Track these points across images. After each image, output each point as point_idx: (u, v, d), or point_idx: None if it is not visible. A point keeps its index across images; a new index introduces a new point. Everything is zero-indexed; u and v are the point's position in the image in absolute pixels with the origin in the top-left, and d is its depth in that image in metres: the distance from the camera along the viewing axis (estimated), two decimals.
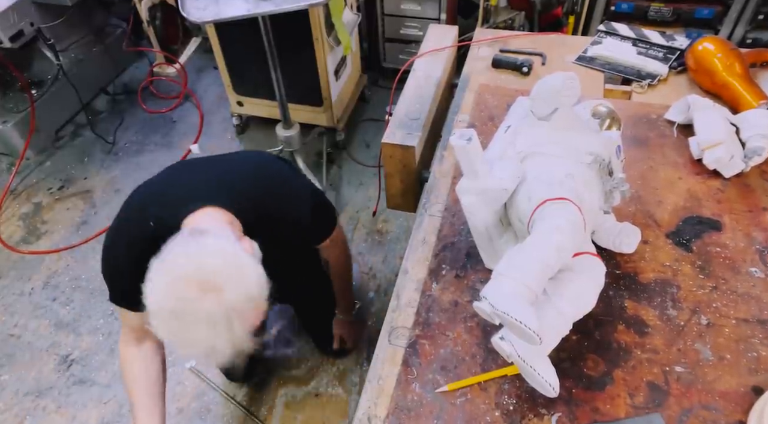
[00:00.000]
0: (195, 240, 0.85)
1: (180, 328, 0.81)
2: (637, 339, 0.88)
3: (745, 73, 1.25)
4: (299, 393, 1.77)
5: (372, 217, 2.29)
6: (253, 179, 1.09)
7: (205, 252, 0.83)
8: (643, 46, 1.47)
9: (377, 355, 0.90)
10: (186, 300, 0.80)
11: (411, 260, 1.04)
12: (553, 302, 0.79)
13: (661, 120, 1.26)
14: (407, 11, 2.60)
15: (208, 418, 1.72)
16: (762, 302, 0.92)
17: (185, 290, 0.80)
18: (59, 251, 2.24)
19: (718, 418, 0.79)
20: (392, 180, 1.34)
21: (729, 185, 1.11)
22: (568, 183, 0.81)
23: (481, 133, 1.26)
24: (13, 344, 1.95)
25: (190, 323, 0.80)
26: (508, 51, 1.50)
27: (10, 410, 1.77)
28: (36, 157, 2.67)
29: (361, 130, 2.72)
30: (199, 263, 0.82)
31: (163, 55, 3.01)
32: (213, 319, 0.80)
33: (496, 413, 0.81)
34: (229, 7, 1.66)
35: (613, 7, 2.27)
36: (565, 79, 0.84)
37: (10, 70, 2.49)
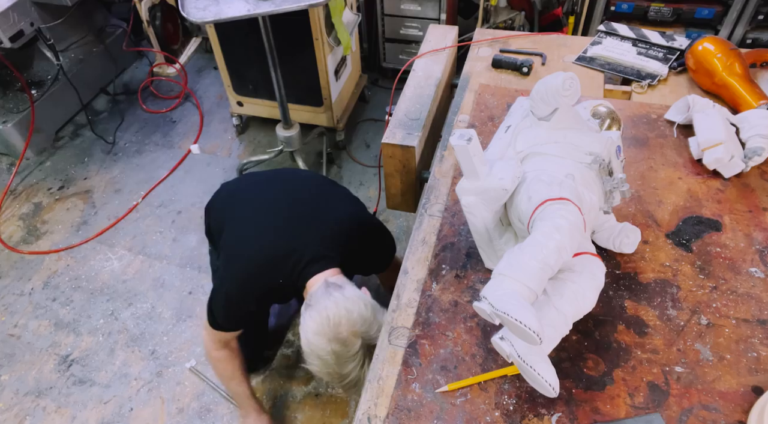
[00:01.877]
0: (339, 293, 1.10)
1: (337, 365, 1.04)
2: (637, 339, 0.88)
3: (745, 74, 1.25)
4: (299, 393, 1.77)
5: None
6: (352, 237, 1.31)
7: (350, 302, 1.08)
8: (643, 47, 1.47)
9: (377, 355, 0.90)
10: (342, 343, 1.03)
11: (411, 260, 1.04)
12: (553, 302, 0.79)
13: (661, 120, 1.26)
14: (407, 11, 2.60)
15: (208, 418, 1.72)
16: (762, 302, 0.92)
17: (341, 335, 1.03)
18: (59, 251, 2.24)
19: (718, 418, 0.79)
20: (392, 180, 1.34)
21: (729, 185, 1.11)
22: (568, 183, 0.81)
23: (481, 133, 1.26)
24: (13, 344, 1.95)
25: (345, 362, 1.04)
26: (508, 51, 1.50)
27: (10, 410, 1.77)
28: (36, 157, 2.67)
29: (361, 130, 2.72)
30: (348, 310, 1.06)
31: (163, 55, 3.01)
32: (361, 355, 1.05)
33: (496, 413, 0.81)
34: (229, 7, 1.66)
35: (613, 7, 2.27)
36: (565, 79, 0.84)
37: (10, 70, 2.49)
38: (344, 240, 1.27)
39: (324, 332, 1.04)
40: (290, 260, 1.21)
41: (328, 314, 1.05)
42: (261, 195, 1.38)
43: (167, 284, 2.09)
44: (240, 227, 1.34)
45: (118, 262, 2.18)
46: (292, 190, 1.39)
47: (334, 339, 1.03)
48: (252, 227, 1.31)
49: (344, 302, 1.07)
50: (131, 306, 2.03)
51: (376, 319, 1.06)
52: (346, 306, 1.06)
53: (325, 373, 1.07)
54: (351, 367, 1.04)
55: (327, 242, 1.24)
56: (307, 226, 1.27)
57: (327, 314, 1.05)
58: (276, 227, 1.28)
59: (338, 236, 1.26)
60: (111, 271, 2.15)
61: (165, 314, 1.99)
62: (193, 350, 1.88)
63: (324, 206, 1.34)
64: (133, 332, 1.95)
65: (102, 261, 2.19)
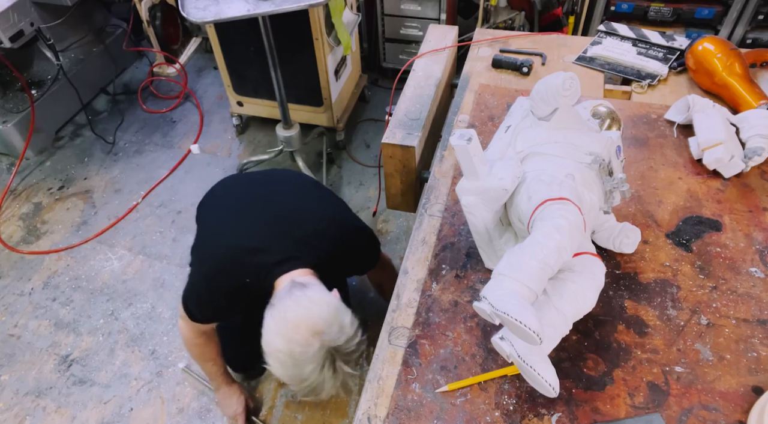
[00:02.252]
0: (301, 292, 1.06)
1: (294, 366, 1.00)
2: (637, 339, 0.88)
3: (745, 73, 1.25)
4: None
5: (372, 217, 2.29)
6: (330, 239, 1.27)
7: (312, 302, 1.04)
8: (643, 47, 1.47)
9: (377, 355, 0.90)
10: (299, 343, 0.98)
11: (411, 260, 1.04)
12: (553, 301, 0.79)
13: (661, 120, 1.26)
14: (407, 11, 2.60)
15: (208, 418, 1.72)
16: (762, 302, 0.92)
17: (301, 339, 0.99)
18: (59, 251, 2.24)
19: (718, 418, 0.79)
20: (392, 180, 1.34)
21: (729, 185, 1.11)
22: (568, 183, 0.81)
23: (481, 133, 1.26)
24: (13, 344, 1.95)
25: (303, 363, 0.99)
26: (508, 51, 1.50)
27: (10, 410, 1.77)
28: (36, 157, 2.67)
29: (361, 130, 2.72)
30: (308, 311, 1.02)
31: (163, 55, 3.01)
32: (320, 358, 0.99)
33: (496, 413, 0.81)
34: (229, 7, 1.66)
35: (613, 7, 2.27)
36: (565, 79, 0.84)
37: (10, 70, 2.49)
38: (321, 242, 1.26)
39: (282, 331, 1.01)
40: (257, 259, 1.20)
41: (287, 314, 1.03)
42: (240, 195, 1.39)
43: (167, 284, 2.09)
44: (213, 224, 1.37)
45: (118, 262, 2.18)
46: (271, 192, 1.39)
47: (292, 340, 0.99)
48: (224, 225, 1.32)
49: (306, 302, 1.04)
50: (131, 306, 2.03)
51: (338, 321, 1.02)
52: (306, 306, 1.03)
53: (283, 374, 1.03)
54: (309, 370, 1.00)
55: (300, 244, 1.23)
56: (280, 227, 1.26)
57: (286, 314, 1.03)
58: (247, 227, 1.27)
59: (314, 238, 1.25)
60: (111, 271, 2.15)
61: (165, 314, 1.99)
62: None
63: (303, 208, 1.34)
64: (133, 332, 1.95)
65: (102, 261, 2.19)
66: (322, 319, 1.01)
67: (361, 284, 2.05)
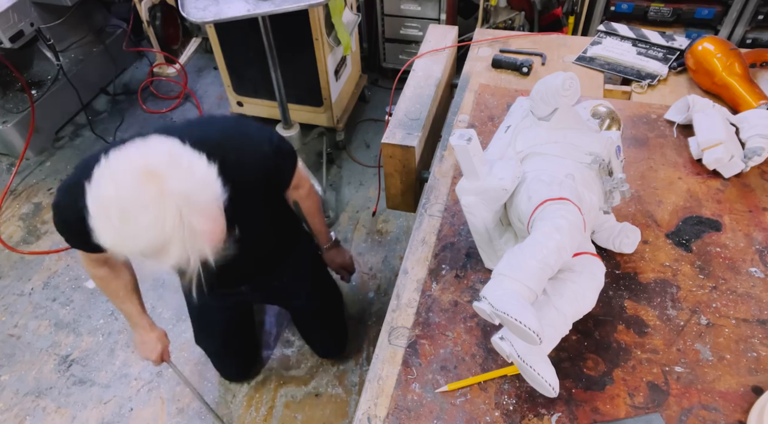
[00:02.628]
0: (139, 141, 0.84)
1: (125, 220, 0.77)
2: (637, 339, 0.88)
3: (745, 73, 1.25)
4: (299, 393, 1.77)
5: (372, 217, 2.29)
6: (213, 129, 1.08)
7: (150, 148, 0.82)
8: (643, 47, 1.47)
9: (377, 355, 0.90)
10: (129, 189, 0.76)
11: (411, 260, 1.04)
12: (553, 302, 0.79)
13: (661, 120, 1.26)
14: (407, 11, 2.60)
15: (208, 418, 1.72)
16: (762, 302, 0.92)
17: (129, 181, 0.77)
18: (59, 251, 2.23)
19: (718, 418, 0.79)
20: (392, 180, 1.34)
21: (729, 185, 1.11)
22: (568, 183, 0.81)
23: (481, 133, 1.26)
24: (13, 344, 1.95)
25: (136, 215, 0.76)
26: (508, 51, 1.50)
27: (10, 410, 1.77)
28: (36, 157, 2.67)
29: (361, 130, 2.72)
30: (144, 155, 0.80)
31: (163, 55, 3.01)
32: (160, 209, 0.76)
33: (496, 413, 0.81)
34: (229, 7, 1.66)
35: (613, 7, 2.27)
36: (565, 79, 0.84)
37: (10, 70, 2.49)
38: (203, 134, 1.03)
39: (110, 175, 0.79)
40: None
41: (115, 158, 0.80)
42: None
43: (167, 284, 2.08)
44: None
45: None
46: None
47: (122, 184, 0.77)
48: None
49: (138, 144, 0.83)
50: None
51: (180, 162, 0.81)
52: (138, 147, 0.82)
53: (113, 234, 0.79)
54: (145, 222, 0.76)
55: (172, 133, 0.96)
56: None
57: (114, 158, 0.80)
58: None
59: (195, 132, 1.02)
60: None
61: (165, 314, 1.99)
62: (194, 349, 1.88)
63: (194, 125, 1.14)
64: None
65: None
66: (160, 162, 0.79)
67: (361, 284, 2.05)
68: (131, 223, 0.77)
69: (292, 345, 1.89)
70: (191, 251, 0.81)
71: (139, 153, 0.81)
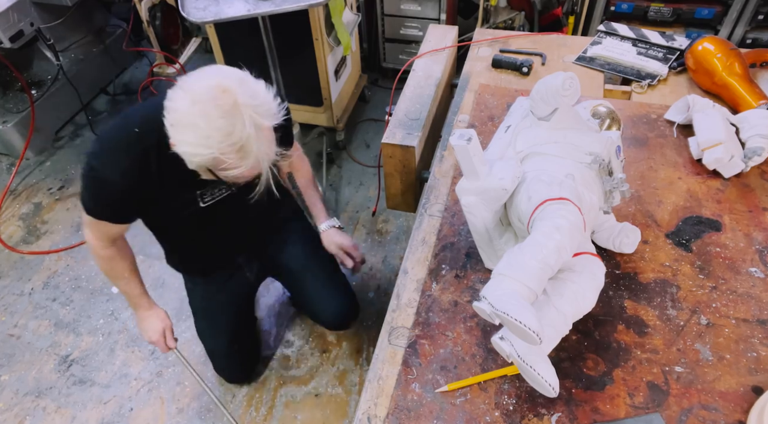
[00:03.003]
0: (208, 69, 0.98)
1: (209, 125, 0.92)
2: (637, 339, 0.88)
3: (745, 73, 1.25)
4: (299, 393, 1.77)
5: (372, 217, 2.29)
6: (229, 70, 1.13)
7: (222, 72, 0.97)
8: (643, 47, 1.47)
9: (377, 355, 0.90)
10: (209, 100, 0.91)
11: (411, 260, 1.04)
12: (553, 301, 0.79)
13: (661, 120, 1.26)
14: (407, 11, 2.60)
15: (208, 418, 1.72)
16: (762, 302, 0.92)
17: (207, 94, 0.92)
18: (59, 251, 2.23)
19: (718, 418, 0.79)
20: (392, 180, 1.34)
21: (729, 185, 1.11)
22: (568, 183, 0.82)
23: (481, 133, 1.26)
24: (13, 344, 1.95)
25: (217, 118, 0.91)
26: (508, 51, 1.50)
27: (10, 410, 1.77)
28: (36, 157, 2.67)
29: (361, 130, 2.72)
30: (217, 76, 0.95)
31: (163, 55, 3.01)
32: (237, 114, 0.92)
33: (496, 413, 0.81)
34: (229, 7, 1.66)
35: (613, 7, 2.27)
36: (565, 79, 0.84)
37: (10, 70, 2.49)
38: None
39: (189, 96, 0.93)
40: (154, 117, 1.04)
41: (190, 82, 0.95)
42: None
43: (167, 284, 2.09)
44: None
45: None
46: None
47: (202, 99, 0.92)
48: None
49: (208, 69, 0.97)
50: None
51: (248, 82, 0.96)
52: (209, 71, 0.96)
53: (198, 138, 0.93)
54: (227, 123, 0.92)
55: None
56: None
57: (189, 82, 0.95)
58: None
59: None
60: None
61: None
62: (194, 349, 1.88)
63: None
64: (133, 332, 1.94)
65: None
66: (227, 76, 0.95)
67: (361, 284, 2.05)
68: (216, 125, 0.92)
69: (292, 345, 1.89)
70: (263, 153, 0.98)
71: (212, 75, 0.96)
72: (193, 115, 0.92)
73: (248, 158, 0.97)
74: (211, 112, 0.91)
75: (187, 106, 0.93)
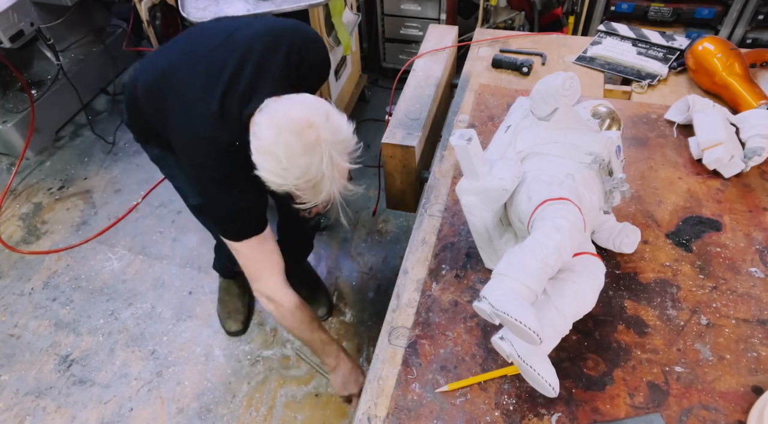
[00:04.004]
0: (287, 98, 1.00)
1: (289, 159, 0.93)
2: (637, 339, 0.88)
3: (745, 74, 1.25)
4: (299, 393, 1.77)
5: (372, 217, 2.29)
6: (291, 67, 1.16)
7: (302, 98, 1.00)
8: (643, 46, 1.47)
9: (377, 355, 0.90)
10: (294, 133, 0.93)
11: (411, 260, 1.04)
12: (553, 301, 0.79)
13: (661, 120, 1.26)
14: (407, 11, 2.60)
15: (208, 418, 1.72)
16: (762, 302, 0.92)
17: (293, 126, 0.93)
18: (59, 251, 2.23)
19: (718, 418, 0.79)
20: (392, 180, 1.34)
21: (729, 185, 1.11)
22: (568, 183, 0.81)
23: (481, 133, 1.26)
24: (13, 344, 1.95)
25: (298, 154, 0.93)
26: (508, 51, 1.50)
27: (10, 410, 1.77)
28: (36, 157, 2.67)
29: (361, 130, 2.72)
30: (300, 105, 0.97)
31: None
32: (317, 152, 0.94)
33: (496, 413, 0.81)
34: (229, 7, 1.67)
35: (613, 7, 2.27)
36: (565, 79, 0.84)
37: (10, 70, 2.49)
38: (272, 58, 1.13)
39: (274, 125, 0.95)
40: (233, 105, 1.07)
41: (277, 112, 0.96)
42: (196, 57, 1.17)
43: (167, 284, 2.09)
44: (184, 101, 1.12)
45: (118, 262, 2.18)
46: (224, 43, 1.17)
47: (286, 131, 0.93)
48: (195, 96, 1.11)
49: (296, 99, 0.99)
50: (131, 306, 2.03)
51: (331, 115, 0.97)
52: (297, 101, 0.98)
53: (278, 169, 0.95)
54: (305, 161, 0.93)
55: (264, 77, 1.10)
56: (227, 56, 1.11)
57: (276, 113, 0.96)
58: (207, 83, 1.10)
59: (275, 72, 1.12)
60: (111, 271, 2.15)
61: (165, 314, 1.99)
62: (194, 349, 1.88)
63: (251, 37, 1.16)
64: (133, 332, 1.95)
65: (102, 261, 2.19)
66: (315, 110, 0.96)
67: (361, 284, 2.05)
68: (295, 162, 0.93)
69: (292, 345, 1.89)
70: (336, 187, 1.00)
71: (301, 105, 0.98)
72: (276, 146, 0.94)
73: (321, 194, 1.00)
74: (294, 146, 0.93)
75: (272, 137, 0.94)
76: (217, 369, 1.82)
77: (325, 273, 2.10)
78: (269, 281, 1.22)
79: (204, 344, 1.89)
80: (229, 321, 1.91)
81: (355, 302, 2.00)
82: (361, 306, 1.99)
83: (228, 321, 1.91)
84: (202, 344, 1.89)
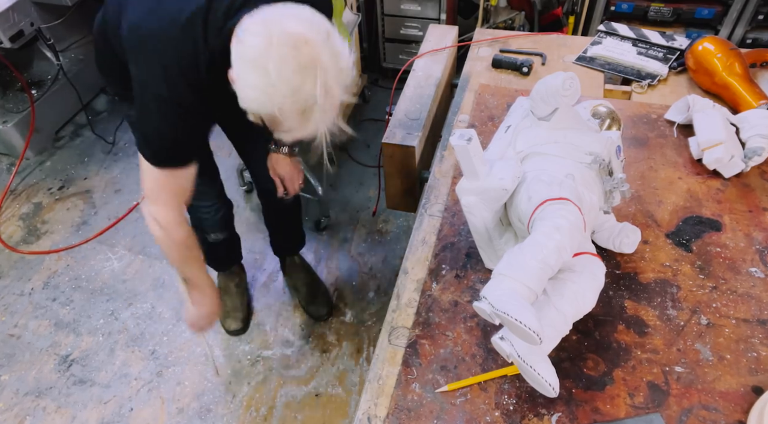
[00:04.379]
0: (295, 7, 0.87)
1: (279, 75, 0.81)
2: (637, 339, 0.88)
3: (745, 73, 1.25)
4: (299, 393, 1.77)
5: (372, 217, 2.29)
6: None
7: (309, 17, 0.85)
8: (643, 46, 1.47)
9: (377, 355, 0.90)
10: (286, 44, 0.80)
11: (411, 260, 1.04)
12: (553, 302, 0.79)
13: (661, 120, 1.26)
14: (407, 11, 2.60)
15: (208, 418, 1.72)
16: (762, 302, 0.92)
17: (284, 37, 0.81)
18: (59, 251, 2.23)
19: (718, 418, 0.79)
20: (392, 180, 1.34)
21: (729, 185, 1.11)
22: (568, 183, 0.82)
23: (481, 133, 1.26)
24: (13, 344, 1.95)
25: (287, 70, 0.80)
26: (508, 51, 1.50)
27: (10, 410, 1.77)
28: (36, 157, 2.67)
29: (361, 130, 2.72)
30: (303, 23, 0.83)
31: None
32: (311, 75, 0.81)
33: (496, 413, 0.81)
34: None
35: (613, 7, 2.27)
36: (565, 79, 0.84)
37: (10, 70, 2.49)
38: None
39: (265, 32, 0.81)
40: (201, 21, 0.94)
41: (271, 17, 0.83)
42: None
43: (167, 284, 2.09)
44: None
45: (118, 262, 2.18)
46: None
47: (277, 41, 0.80)
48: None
49: (295, 9, 0.86)
50: (131, 306, 2.03)
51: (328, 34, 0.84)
52: (296, 12, 0.85)
53: (265, 85, 0.82)
54: (297, 80, 0.80)
55: None
56: None
57: (270, 16, 0.83)
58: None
59: None
60: (111, 271, 2.15)
61: (165, 314, 1.99)
62: (194, 349, 1.88)
63: None
64: (133, 332, 1.95)
65: (102, 261, 2.19)
66: (315, 26, 0.83)
67: (361, 284, 2.05)
68: (286, 78, 0.81)
69: (292, 345, 1.89)
70: (325, 120, 0.88)
71: (300, 19, 0.84)
72: (266, 57, 0.81)
73: (307, 124, 0.87)
74: (288, 61, 0.80)
75: (262, 46, 0.81)
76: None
77: (325, 273, 2.10)
78: (166, 211, 1.11)
79: (204, 344, 1.89)
80: (229, 320, 1.91)
81: (355, 302, 2.00)
82: (361, 306, 1.99)
83: (227, 320, 1.91)
84: (202, 344, 1.89)
